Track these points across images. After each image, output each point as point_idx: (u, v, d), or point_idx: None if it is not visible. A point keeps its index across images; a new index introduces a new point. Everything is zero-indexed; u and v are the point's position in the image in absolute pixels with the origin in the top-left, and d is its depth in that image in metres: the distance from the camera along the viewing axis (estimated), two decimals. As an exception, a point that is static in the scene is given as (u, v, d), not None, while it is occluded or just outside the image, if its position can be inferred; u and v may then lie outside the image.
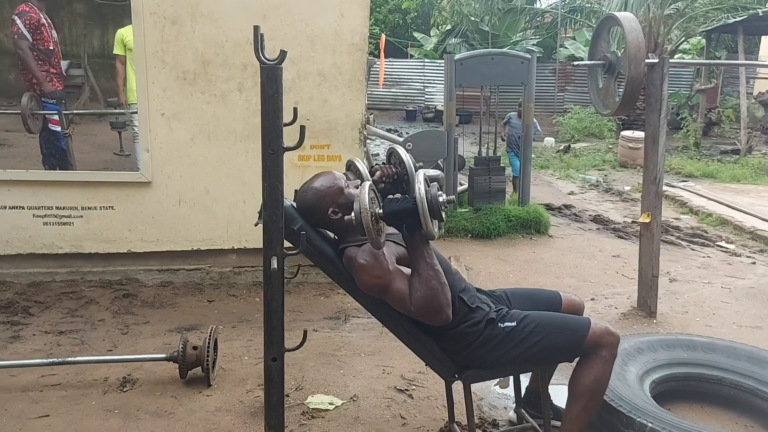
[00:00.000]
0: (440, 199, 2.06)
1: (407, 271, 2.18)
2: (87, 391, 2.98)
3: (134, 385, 3.03)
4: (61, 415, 2.76)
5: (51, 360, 3.06)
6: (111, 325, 3.74)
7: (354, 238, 2.23)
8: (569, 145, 12.32)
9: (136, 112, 4.87)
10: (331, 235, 2.35)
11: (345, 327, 3.83)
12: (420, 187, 2.04)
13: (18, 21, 5.26)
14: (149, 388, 3.01)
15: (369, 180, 2.23)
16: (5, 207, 4.16)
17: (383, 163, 2.50)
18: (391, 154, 2.46)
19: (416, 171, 2.18)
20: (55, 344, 3.48)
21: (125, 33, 6.21)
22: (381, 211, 2.08)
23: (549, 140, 13.07)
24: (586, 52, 14.21)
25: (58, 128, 5.44)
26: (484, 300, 2.39)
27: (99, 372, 3.14)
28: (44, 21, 5.39)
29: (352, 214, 2.03)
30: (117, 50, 6.28)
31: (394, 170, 2.40)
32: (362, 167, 2.40)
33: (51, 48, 5.49)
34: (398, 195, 2.15)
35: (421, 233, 2.10)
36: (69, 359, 3.07)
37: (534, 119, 7.14)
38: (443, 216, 2.10)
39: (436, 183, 2.14)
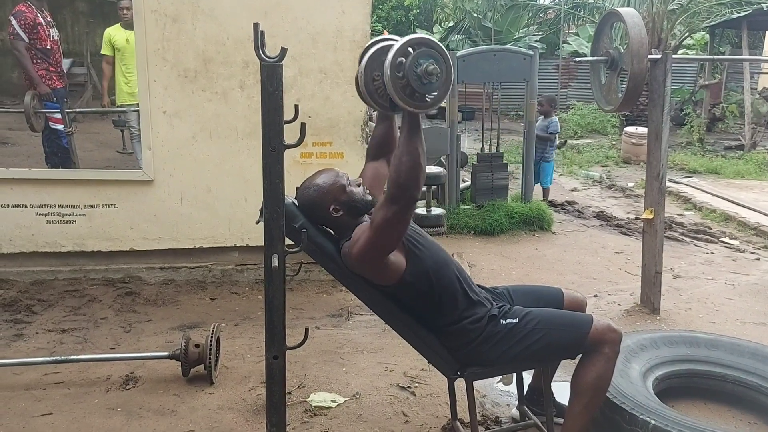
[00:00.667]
0: (417, 69, 1.77)
1: None
2: (90, 389, 2.99)
3: (137, 383, 3.04)
4: (64, 413, 2.77)
5: (54, 358, 3.07)
6: (114, 323, 3.75)
7: (350, 234, 2.23)
8: (566, 140, 12.27)
9: (136, 110, 4.86)
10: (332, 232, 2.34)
11: (347, 324, 3.82)
12: (390, 54, 1.78)
13: (13, 21, 5.27)
14: (152, 386, 3.02)
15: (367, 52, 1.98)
16: (8, 205, 4.17)
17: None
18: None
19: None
20: (58, 342, 3.49)
21: (113, 33, 6.16)
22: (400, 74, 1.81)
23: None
24: (589, 48, 14.15)
25: (60, 126, 5.45)
26: (486, 296, 2.38)
27: (102, 370, 3.15)
28: (41, 20, 5.38)
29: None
30: (105, 50, 6.19)
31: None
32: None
33: (49, 47, 5.47)
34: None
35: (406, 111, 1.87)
36: (72, 357, 3.08)
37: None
38: (418, 90, 1.80)
39: (428, 50, 1.80)
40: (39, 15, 5.37)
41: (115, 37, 6.15)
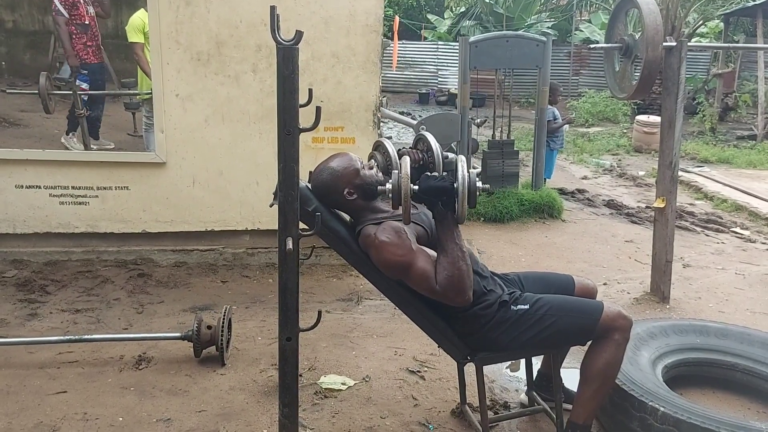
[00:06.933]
0: (478, 185, 2.09)
1: (430, 252, 2.18)
2: (103, 368, 3.03)
3: (149, 363, 3.08)
4: (78, 392, 2.81)
5: (68, 337, 3.11)
6: (126, 304, 3.78)
7: (371, 218, 2.24)
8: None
9: (149, 93, 4.85)
10: (346, 216, 2.35)
11: (357, 309, 3.85)
12: (463, 167, 2.06)
13: (56, 1, 5.65)
14: (164, 367, 3.05)
15: (403, 158, 2.20)
16: (22, 186, 4.20)
17: (410, 148, 2.49)
18: (419, 140, 2.43)
19: (456, 157, 2.21)
20: (71, 322, 3.53)
21: (145, 19, 5.70)
22: (416, 187, 2.10)
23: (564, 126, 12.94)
24: (602, 35, 14.00)
25: None
26: (497, 283, 2.39)
27: (115, 350, 3.19)
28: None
29: (388, 184, 2.06)
30: (136, 38, 5.67)
31: (420, 156, 2.40)
32: (391, 149, 2.42)
33: (87, 22, 5.82)
34: (436, 173, 2.17)
35: (452, 214, 2.12)
36: (85, 337, 3.12)
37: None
38: (476, 203, 2.13)
39: (475, 170, 2.16)
40: None
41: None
